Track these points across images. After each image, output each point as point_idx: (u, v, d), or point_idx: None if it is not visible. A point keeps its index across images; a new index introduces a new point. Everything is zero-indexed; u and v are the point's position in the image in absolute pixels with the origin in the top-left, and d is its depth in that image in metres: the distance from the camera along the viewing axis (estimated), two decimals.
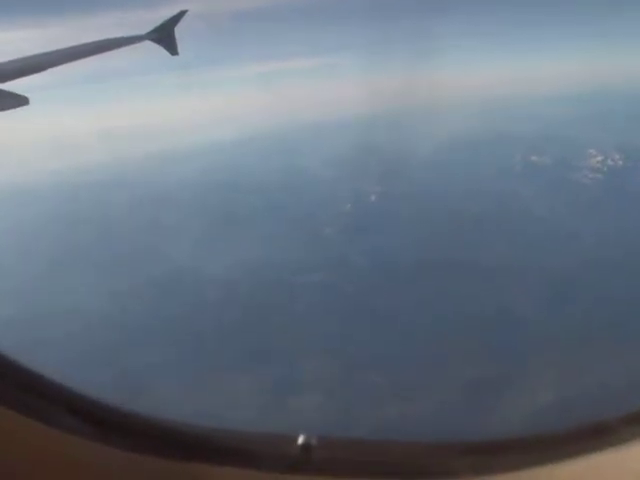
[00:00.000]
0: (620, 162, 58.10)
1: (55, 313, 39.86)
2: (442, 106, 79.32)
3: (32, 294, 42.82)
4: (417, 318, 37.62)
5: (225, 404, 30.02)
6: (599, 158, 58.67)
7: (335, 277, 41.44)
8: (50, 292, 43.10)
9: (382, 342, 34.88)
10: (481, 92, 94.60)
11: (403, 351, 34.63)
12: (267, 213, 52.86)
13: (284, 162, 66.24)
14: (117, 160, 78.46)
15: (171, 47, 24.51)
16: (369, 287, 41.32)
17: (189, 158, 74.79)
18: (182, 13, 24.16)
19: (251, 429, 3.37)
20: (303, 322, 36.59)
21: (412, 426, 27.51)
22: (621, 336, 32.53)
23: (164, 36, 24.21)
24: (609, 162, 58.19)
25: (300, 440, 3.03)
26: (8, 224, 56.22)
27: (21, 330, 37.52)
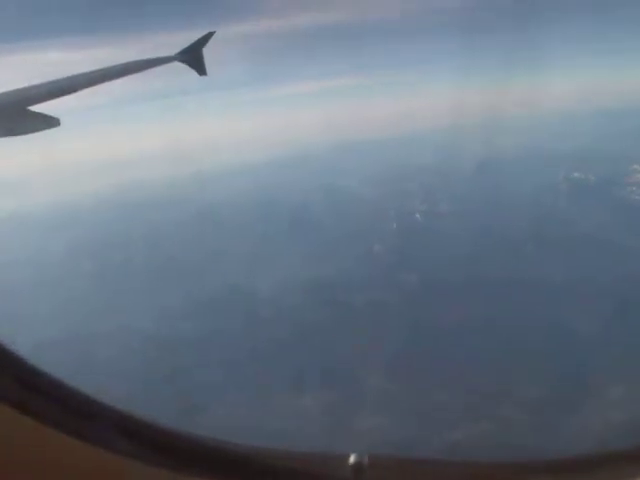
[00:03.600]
0: None
1: (109, 332, 40.01)
2: (484, 124, 79.06)
3: (85, 313, 43.01)
4: (471, 335, 37.34)
5: (289, 423, 30.12)
6: None
7: (389, 295, 41.29)
8: (104, 311, 43.21)
9: (442, 360, 34.65)
10: (517, 109, 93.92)
11: (463, 369, 34.33)
12: (314, 232, 52.82)
13: (326, 181, 66.31)
14: (155, 180, 78.86)
15: (199, 68, 24.72)
16: (422, 305, 41.06)
17: (229, 178, 75.19)
18: (210, 35, 24.38)
19: (302, 449, 3.27)
20: (362, 340, 36.38)
21: (474, 445, 27.35)
22: None
23: (193, 57, 24.42)
24: None
25: (352, 460, 2.98)
26: (57, 246, 56.42)
27: (76, 348, 37.95)
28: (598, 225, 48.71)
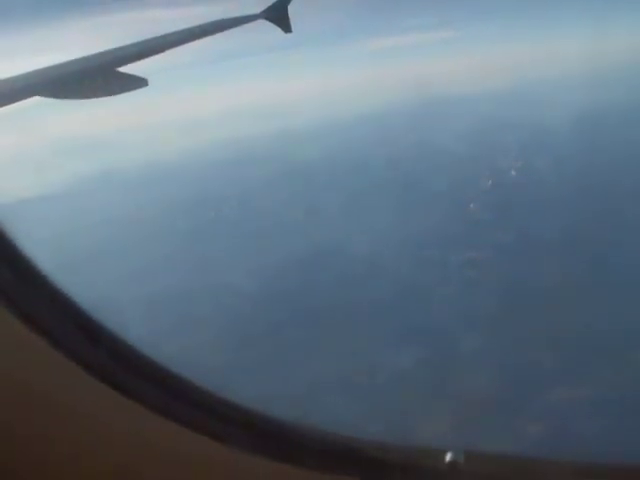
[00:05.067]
0: None
1: (206, 289, 40.47)
2: (576, 77, 76.43)
3: (180, 270, 43.62)
4: (569, 296, 36.36)
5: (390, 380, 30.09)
6: None
7: (486, 255, 40.57)
8: (198, 268, 43.75)
9: (540, 320, 33.94)
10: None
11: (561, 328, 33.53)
12: (407, 189, 52.26)
13: (419, 136, 65.42)
14: (244, 138, 79.25)
15: (285, 25, 24.52)
16: (520, 264, 40.20)
17: (319, 134, 75.01)
18: None
19: (399, 442, 3.46)
20: (461, 301, 35.94)
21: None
22: None
23: (279, 14, 24.25)
24: None
25: (448, 456, 3.03)
26: (150, 203, 57.42)
27: (172, 306, 38.61)
28: None
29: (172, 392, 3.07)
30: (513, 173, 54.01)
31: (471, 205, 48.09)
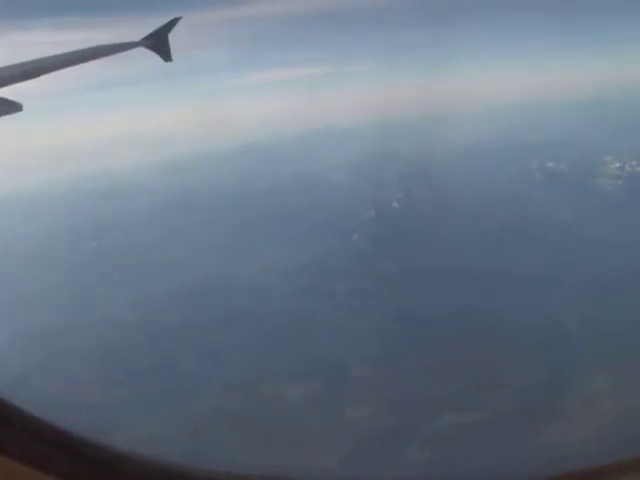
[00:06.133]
0: (638, 168, 58.23)
1: (89, 322, 39.39)
2: (456, 113, 79.37)
3: (64, 303, 42.23)
4: (450, 323, 37.38)
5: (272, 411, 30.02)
6: (616, 164, 58.73)
7: (370, 284, 41.20)
8: (81, 302, 42.50)
9: (422, 347, 34.70)
10: (492, 99, 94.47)
11: (444, 356, 34.32)
12: (290, 220, 52.50)
13: (299, 168, 65.94)
14: (123, 167, 77.89)
15: (165, 54, 24.35)
16: (402, 293, 40.95)
17: (199, 165, 74.49)
18: (176, 20, 24.02)
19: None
20: (347, 330, 36.34)
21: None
22: None
23: (158, 42, 24.03)
24: (627, 168, 58.23)
25: None
26: (27, 235, 55.37)
27: (55, 338, 37.37)
28: (573, 214, 49.04)
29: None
30: (395, 204, 55.14)
31: (354, 236, 48.82)
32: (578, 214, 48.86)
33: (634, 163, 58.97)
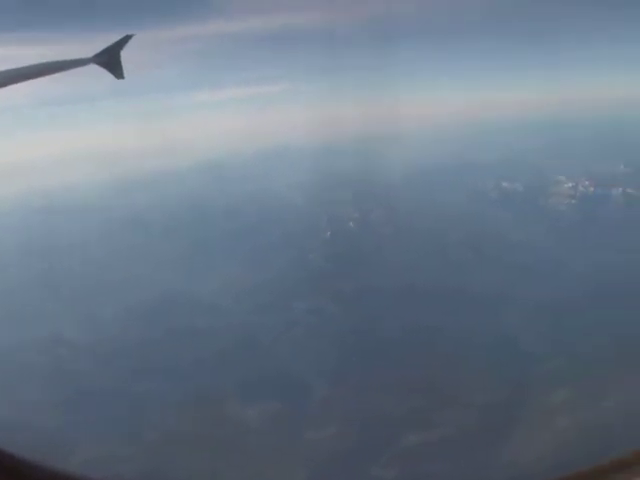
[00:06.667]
0: (591, 188, 59.04)
1: (38, 341, 38.60)
2: (408, 133, 79.86)
3: (13, 322, 41.29)
4: (406, 342, 37.37)
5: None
6: (569, 184, 59.52)
7: (326, 303, 41.09)
8: (30, 321, 41.57)
9: (388, 368, 34.67)
10: (443, 120, 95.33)
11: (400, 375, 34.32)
12: (247, 239, 52.21)
13: (255, 187, 65.73)
14: (74, 185, 76.74)
15: (117, 71, 24.13)
16: (360, 313, 40.89)
17: (152, 183, 73.69)
18: (128, 37, 23.83)
19: None
20: (304, 349, 36.21)
21: None
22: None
23: (110, 59, 23.80)
24: (580, 188, 59.04)
25: None
26: None
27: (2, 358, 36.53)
28: (527, 233, 49.48)
29: None
30: (351, 224, 55.14)
31: (311, 255, 48.68)
32: (532, 233, 49.41)
33: (587, 183, 59.80)
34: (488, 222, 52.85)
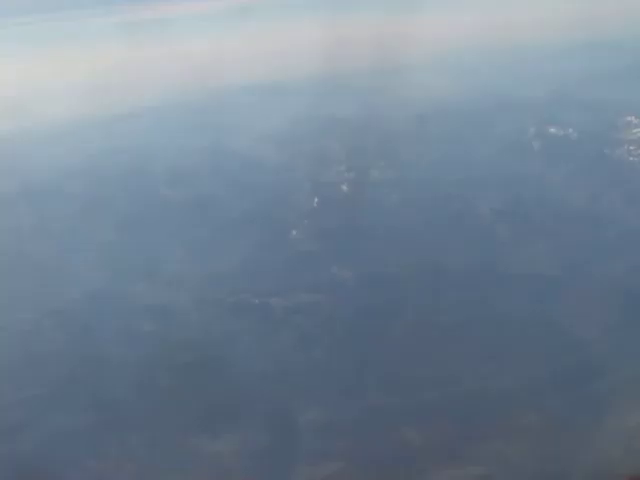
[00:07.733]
0: None
1: None
2: (422, 62, 79.12)
3: None
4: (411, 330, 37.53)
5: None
6: None
7: (315, 297, 40.55)
8: None
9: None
10: (469, 43, 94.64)
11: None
12: (207, 215, 51.59)
13: (212, 141, 64.91)
14: None
15: None
16: (362, 310, 40.29)
17: (70, 134, 73.65)
18: None
19: None
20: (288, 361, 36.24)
21: None
22: None
23: None
24: None
25: None
26: None
27: None
28: (586, 198, 48.77)
29: None
30: (344, 188, 54.33)
31: (293, 232, 47.95)
32: (594, 197, 48.67)
33: None
34: (530, 183, 52.11)
